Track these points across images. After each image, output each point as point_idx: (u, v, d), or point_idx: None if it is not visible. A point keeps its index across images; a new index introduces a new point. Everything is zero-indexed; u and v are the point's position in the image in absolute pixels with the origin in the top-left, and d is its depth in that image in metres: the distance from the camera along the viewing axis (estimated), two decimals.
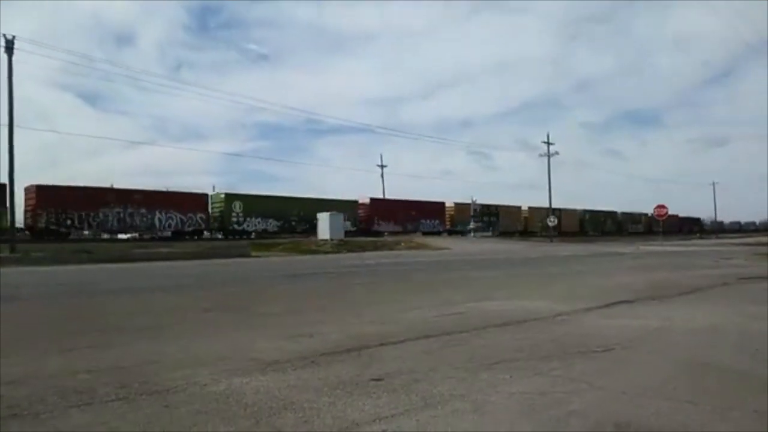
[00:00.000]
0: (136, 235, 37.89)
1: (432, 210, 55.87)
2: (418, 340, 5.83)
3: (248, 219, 42.56)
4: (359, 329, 6.53)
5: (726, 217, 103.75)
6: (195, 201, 40.69)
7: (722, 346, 5.57)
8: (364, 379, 4.26)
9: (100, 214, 36.11)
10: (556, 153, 58.60)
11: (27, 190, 34.28)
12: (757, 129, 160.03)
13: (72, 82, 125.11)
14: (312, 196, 45.71)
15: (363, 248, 34.20)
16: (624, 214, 75.96)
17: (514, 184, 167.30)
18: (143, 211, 38.00)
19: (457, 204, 57.42)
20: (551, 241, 50.12)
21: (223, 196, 42.07)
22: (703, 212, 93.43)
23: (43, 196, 34.17)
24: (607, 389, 3.96)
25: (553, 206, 62.65)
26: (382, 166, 64.93)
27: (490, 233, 56.94)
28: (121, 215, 37.19)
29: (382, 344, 5.60)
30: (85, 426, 3.25)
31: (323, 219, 40.81)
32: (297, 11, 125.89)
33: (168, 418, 3.38)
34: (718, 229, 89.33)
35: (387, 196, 60.86)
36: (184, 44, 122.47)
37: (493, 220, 59.37)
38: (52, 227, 34.44)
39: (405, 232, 49.66)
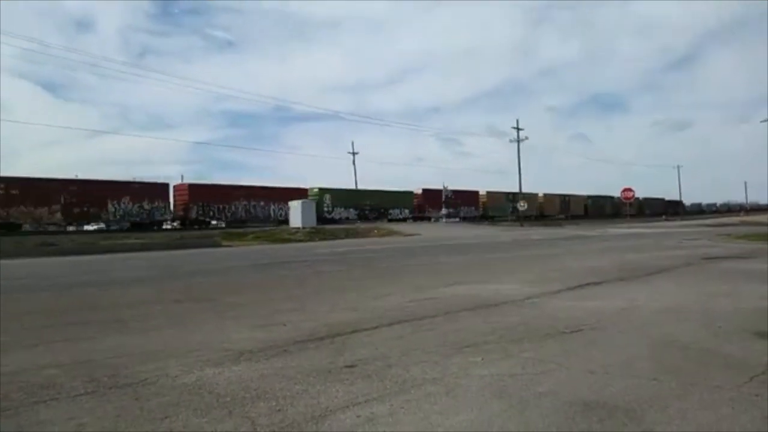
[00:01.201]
0: (102, 225, 37.43)
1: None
2: (391, 326, 5.86)
3: (335, 209, 49.55)
4: (332, 317, 6.53)
5: (689, 199, 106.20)
6: (300, 194, 46.23)
7: (686, 324, 5.73)
8: (338, 366, 4.27)
9: (232, 207, 42.59)
10: (526, 138, 59.27)
11: (178, 187, 41.48)
12: (719, 112, 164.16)
13: (30, 70, 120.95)
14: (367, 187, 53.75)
15: (335, 236, 34.12)
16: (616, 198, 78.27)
17: (485, 169, 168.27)
18: (262, 203, 45.09)
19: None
20: (521, 226, 50.76)
21: (317, 189, 48.54)
22: (668, 194, 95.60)
23: (194, 192, 41.12)
24: (575, 369, 4.04)
25: (542, 192, 67.30)
26: (353, 153, 64.85)
27: (458, 219, 57.52)
28: (247, 207, 44.11)
29: (354, 331, 5.62)
30: (51, 422, 3.19)
31: (295, 207, 40.47)
32: None
33: (138, 410, 3.34)
34: (683, 212, 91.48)
35: (359, 184, 61.29)
36: (148, 30, 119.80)
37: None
38: (200, 218, 41.48)
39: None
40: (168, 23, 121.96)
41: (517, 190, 59.69)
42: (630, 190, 53.95)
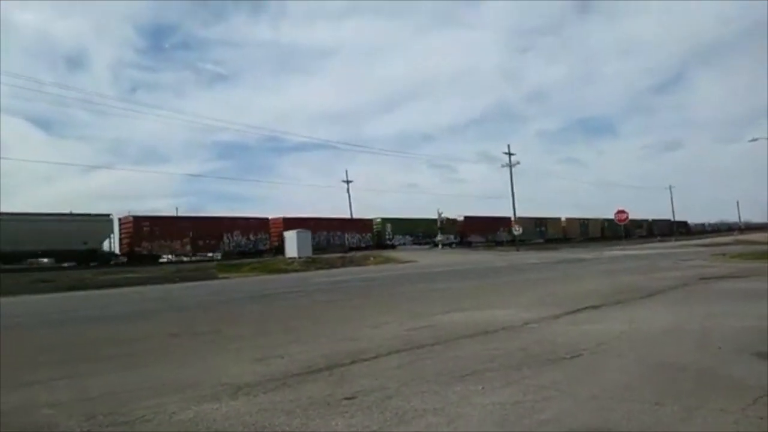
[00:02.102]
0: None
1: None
2: (389, 356, 5.81)
3: (396, 236, 56.27)
4: (330, 348, 6.48)
5: (681, 218, 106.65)
6: (366, 224, 55.29)
7: (686, 346, 5.71)
8: (337, 398, 4.22)
9: (316, 237, 45.79)
10: (518, 163, 59.66)
11: (273, 221, 47.16)
12: (708, 132, 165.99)
13: (22, 107, 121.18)
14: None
15: (331, 265, 34.01)
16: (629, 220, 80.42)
17: (478, 194, 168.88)
18: (339, 233, 51.51)
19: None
20: (517, 250, 50.72)
21: (380, 219, 56.24)
22: (662, 215, 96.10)
23: (287, 224, 45.63)
24: (577, 395, 4.01)
25: (545, 216, 71.62)
26: (347, 182, 65.04)
27: (454, 245, 57.84)
28: (327, 237, 49.89)
29: (353, 362, 5.57)
30: None
31: (290, 237, 40.37)
32: (253, 30, 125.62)
33: None
34: (687, 232, 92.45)
35: (354, 212, 61.62)
36: (139, 66, 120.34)
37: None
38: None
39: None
40: (159, 58, 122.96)
41: (510, 214, 60.05)
42: (623, 212, 54.03)
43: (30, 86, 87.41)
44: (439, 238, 56.93)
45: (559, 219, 73.84)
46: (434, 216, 58.63)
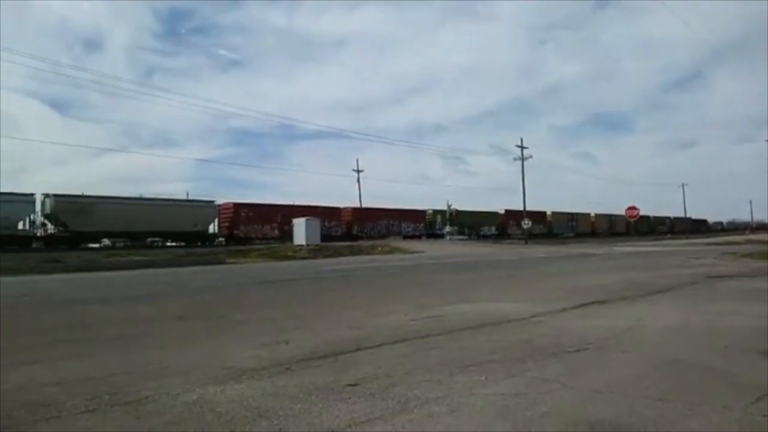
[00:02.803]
0: (108, 242, 38.60)
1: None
2: (394, 345, 5.82)
3: (445, 226, 60.03)
4: (335, 335, 6.50)
5: (692, 216, 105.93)
6: (420, 215, 60.83)
7: (692, 343, 5.68)
8: (340, 384, 4.24)
9: (378, 225, 54.24)
10: (530, 157, 59.37)
11: (344, 210, 54.13)
12: (724, 131, 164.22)
13: (38, 89, 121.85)
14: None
15: (339, 253, 34.12)
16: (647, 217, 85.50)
17: (489, 187, 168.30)
18: (397, 222, 57.33)
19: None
20: (526, 243, 50.58)
21: (431, 211, 61.64)
22: (674, 213, 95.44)
23: (355, 214, 53.87)
24: (580, 389, 4.00)
25: (576, 211, 76.31)
26: (358, 171, 64.89)
27: (466, 237, 57.91)
28: (387, 225, 56.23)
29: (358, 349, 5.59)
30: None
31: (299, 224, 40.51)
32: (267, 17, 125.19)
33: (139, 429, 3.32)
34: (690, 230, 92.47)
35: (363, 202, 61.84)
36: (155, 50, 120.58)
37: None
38: (358, 234, 52.60)
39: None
40: (174, 42, 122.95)
41: (521, 207, 59.86)
42: (635, 208, 53.76)
43: (46, 68, 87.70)
44: (447, 229, 57.02)
45: (588, 214, 78.51)
46: (484, 209, 65.29)
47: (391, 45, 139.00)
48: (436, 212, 61.80)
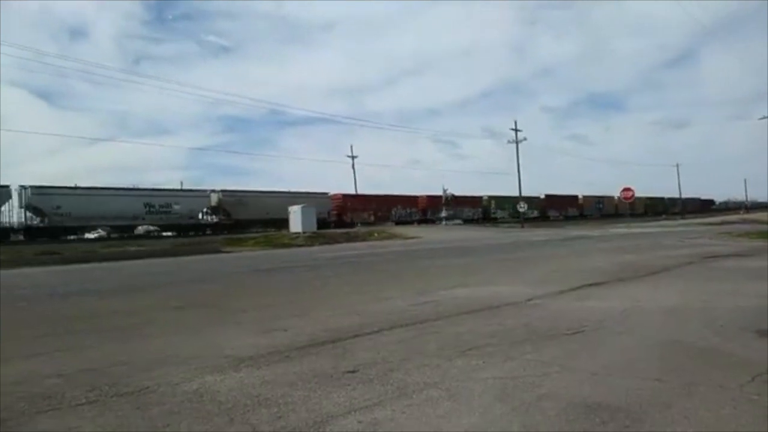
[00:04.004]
0: (103, 233, 38.10)
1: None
2: (392, 330, 5.85)
3: (498, 211, 64.57)
4: (333, 322, 6.52)
5: (689, 196, 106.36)
6: (477, 201, 63.66)
7: (688, 324, 5.72)
8: (339, 371, 4.26)
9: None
10: (524, 139, 59.29)
11: (420, 198, 58.45)
12: (718, 110, 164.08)
13: (25, 79, 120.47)
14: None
15: (336, 240, 34.10)
16: (657, 198, 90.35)
17: (482, 170, 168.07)
18: (458, 208, 59.63)
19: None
20: (522, 227, 50.68)
21: (487, 197, 64.60)
22: (670, 193, 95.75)
23: (430, 201, 57.98)
24: (577, 371, 4.03)
25: (603, 194, 79.01)
26: (352, 157, 64.82)
27: (461, 221, 58.02)
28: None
29: (356, 336, 5.61)
30: (53, 431, 3.19)
31: (295, 212, 40.33)
32: (255, 2, 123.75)
33: (139, 419, 3.34)
34: (687, 210, 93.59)
35: (358, 188, 61.99)
36: (142, 37, 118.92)
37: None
38: (430, 218, 56.98)
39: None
40: (162, 29, 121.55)
41: (518, 191, 59.86)
42: (630, 189, 53.79)
43: (32, 57, 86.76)
44: (443, 214, 57.03)
45: (612, 197, 79.28)
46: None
47: (381, 28, 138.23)
48: (491, 198, 65.40)
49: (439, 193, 59.37)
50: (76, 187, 37.21)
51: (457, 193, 60.41)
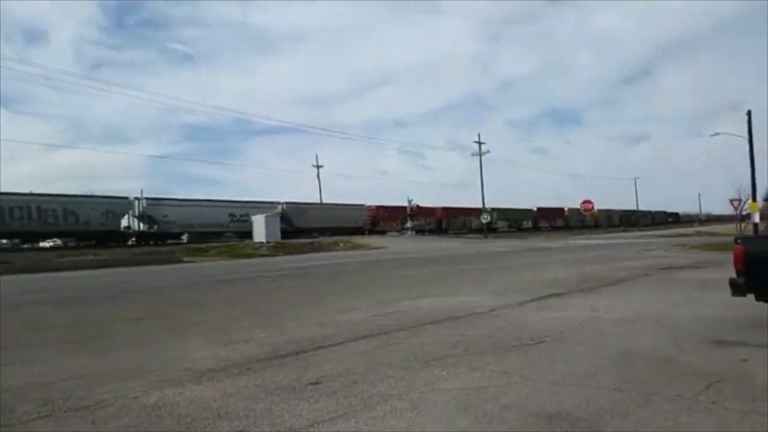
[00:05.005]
0: (59, 242, 37.08)
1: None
2: (356, 341, 5.82)
3: (498, 222, 66.80)
4: (296, 333, 6.46)
5: (646, 208, 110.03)
6: (477, 213, 62.61)
7: (646, 334, 5.86)
8: (302, 383, 4.22)
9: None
10: (487, 152, 60.33)
11: (435, 209, 63.04)
12: (674, 126, 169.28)
13: None
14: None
15: (300, 250, 33.86)
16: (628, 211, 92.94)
17: (447, 182, 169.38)
18: (468, 218, 65.15)
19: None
20: (485, 238, 51.30)
21: (490, 209, 63.52)
22: (626, 205, 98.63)
23: (445, 212, 63.77)
24: (539, 381, 4.08)
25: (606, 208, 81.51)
26: (317, 167, 64.55)
27: (422, 232, 58.63)
28: (462, 219, 65.12)
29: (320, 347, 5.57)
30: None
31: (258, 221, 39.90)
32: (220, 10, 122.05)
33: None
34: (655, 222, 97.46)
35: (323, 197, 61.78)
36: (102, 43, 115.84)
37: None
38: (445, 227, 62.29)
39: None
40: (123, 36, 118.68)
41: (482, 203, 60.76)
42: (589, 202, 55.33)
43: None
44: (408, 224, 57.35)
45: (609, 211, 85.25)
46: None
47: (347, 40, 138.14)
48: (493, 209, 66.60)
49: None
50: (178, 199, 43.11)
51: (421, 204, 60.99)
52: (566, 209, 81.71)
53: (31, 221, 33.45)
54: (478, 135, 60.24)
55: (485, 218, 57.09)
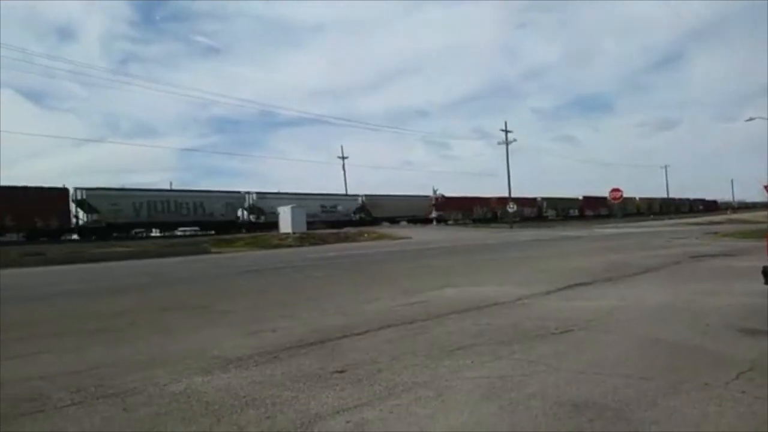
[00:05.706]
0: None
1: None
2: (380, 330, 5.85)
3: (548, 210, 71.57)
4: (322, 322, 6.51)
5: (677, 196, 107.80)
6: (533, 201, 69.89)
7: (675, 322, 5.77)
8: (327, 371, 4.25)
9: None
10: (514, 140, 59.61)
11: (492, 199, 64.08)
12: (705, 111, 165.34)
13: (12, 79, 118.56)
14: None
15: (325, 241, 34.04)
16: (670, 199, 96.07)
17: (473, 171, 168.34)
18: (523, 207, 64.06)
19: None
20: (511, 228, 50.90)
21: (540, 198, 70.15)
22: (657, 192, 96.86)
23: (499, 202, 62.03)
24: (565, 370, 4.05)
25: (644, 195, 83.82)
26: (343, 158, 64.96)
27: (452, 222, 58.35)
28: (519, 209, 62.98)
29: (344, 336, 5.60)
30: None
31: (285, 212, 40.22)
32: (243, 3, 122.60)
33: (126, 420, 3.31)
34: (688, 210, 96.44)
35: (349, 189, 62.07)
36: (130, 38, 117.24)
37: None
38: (499, 218, 62.26)
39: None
40: (150, 30, 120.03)
41: (507, 191, 60.25)
42: (618, 190, 54.20)
43: (20, 57, 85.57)
44: (433, 214, 57.12)
45: (634, 198, 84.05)
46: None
47: (370, 29, 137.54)
48: (543, 199, 71.50)
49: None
50: (280, 193, 48.05)
51: (446, 194, 60.74)
52: (638, 199, 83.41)
53: (170, 213, 40.17)
54: (505, 123, 59.52)
55: (511, 207, 56.55)
